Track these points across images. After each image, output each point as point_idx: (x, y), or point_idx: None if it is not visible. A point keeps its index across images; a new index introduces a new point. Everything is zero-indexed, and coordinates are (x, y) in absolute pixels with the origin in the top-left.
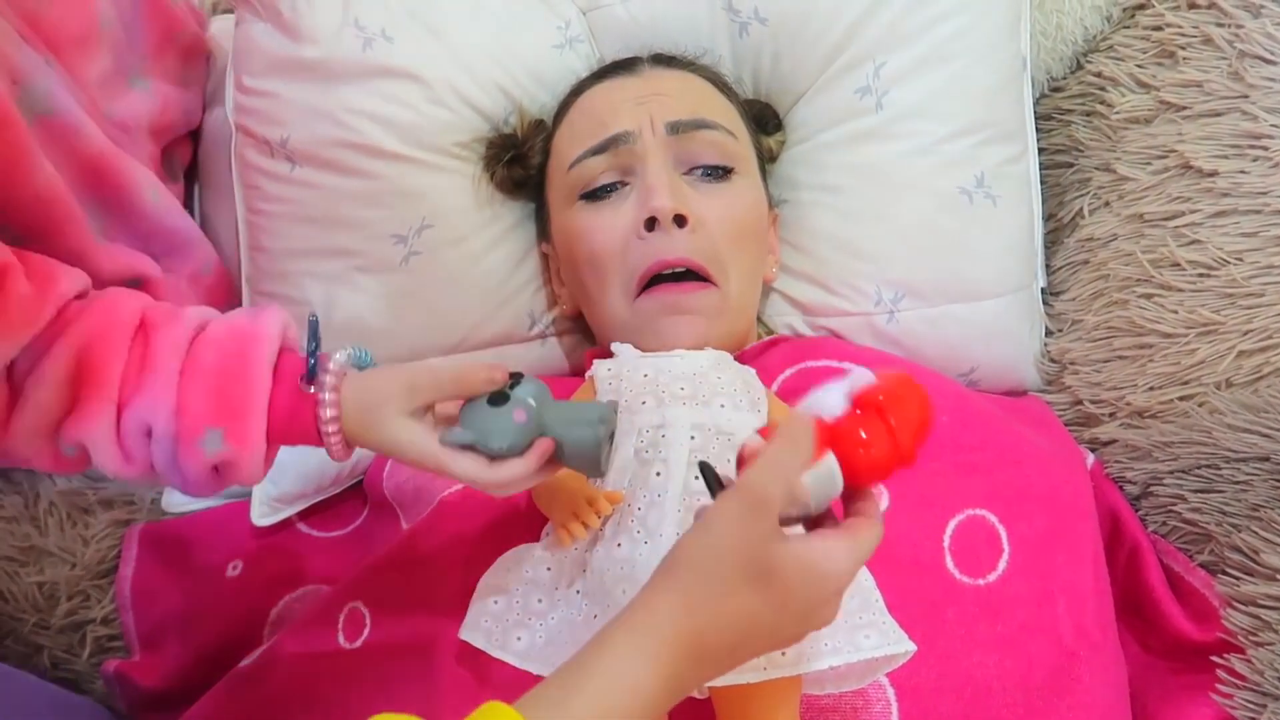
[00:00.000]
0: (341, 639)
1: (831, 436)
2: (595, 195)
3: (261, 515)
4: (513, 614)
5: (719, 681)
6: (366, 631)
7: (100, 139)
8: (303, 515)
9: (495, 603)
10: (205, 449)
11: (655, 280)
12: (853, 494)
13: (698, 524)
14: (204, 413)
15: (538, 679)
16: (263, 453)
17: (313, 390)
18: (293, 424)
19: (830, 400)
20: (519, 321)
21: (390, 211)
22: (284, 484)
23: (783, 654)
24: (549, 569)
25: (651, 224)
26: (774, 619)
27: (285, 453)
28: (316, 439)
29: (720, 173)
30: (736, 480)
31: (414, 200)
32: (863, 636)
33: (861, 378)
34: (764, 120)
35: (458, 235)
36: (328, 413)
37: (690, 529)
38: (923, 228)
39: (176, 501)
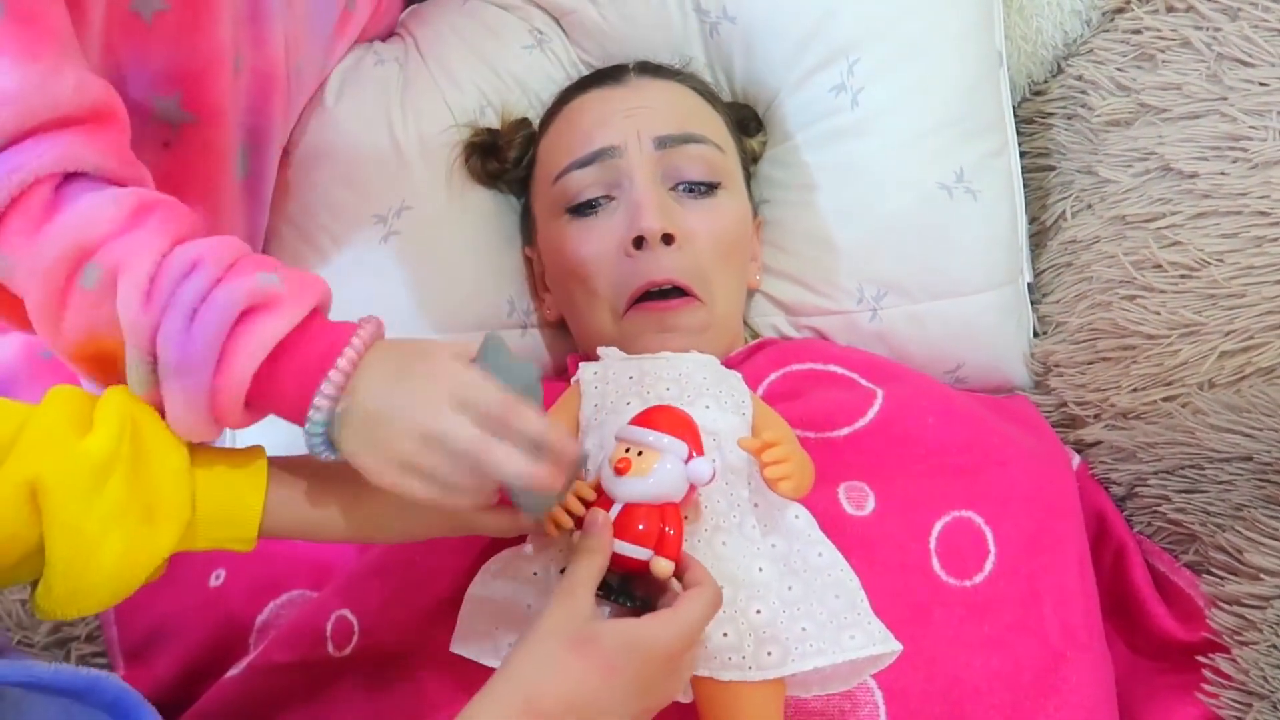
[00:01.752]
0: (330, 647)
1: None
2: (582, 210)
3: None
4: (502, 621)
5: (700, 674)
6: (355, 639)
7: None
8: None
9: (484, 611)
10: (258, 279)
11: (642, 297)
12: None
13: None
14: (258, 266)
15: None
16: (305, 311)
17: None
18: (316, 344)
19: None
20: (497, 308)
21: (369, 192)
22: None
23: (768, 654)
24: (535, 572)
25: (639, 242)
26: (606, 688)
27: (253, 438)
28: (316, 375)
29: (707, 188)
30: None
31: (394, 182)
32: (848, 637)
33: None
34: (745, 123)
35: (436, 218)
36: (349, 352)
37: None
38: (903, 224)
39: None
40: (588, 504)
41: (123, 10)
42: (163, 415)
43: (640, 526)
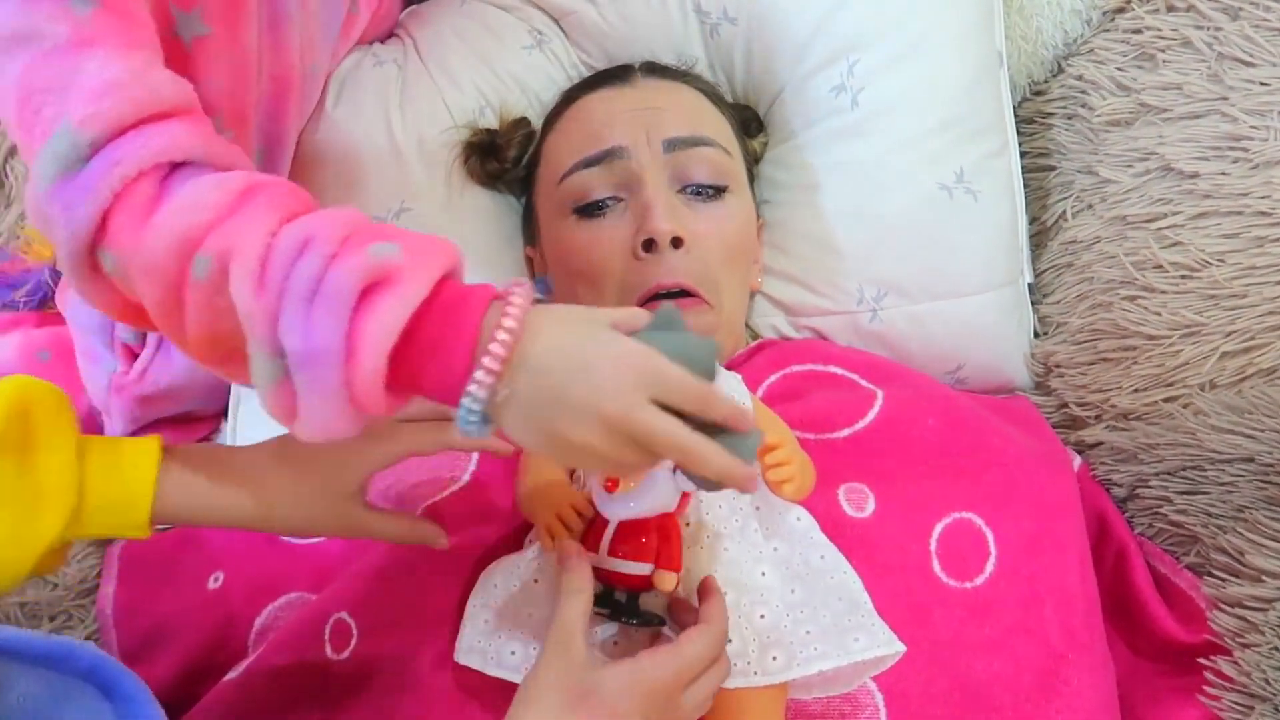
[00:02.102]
0: (329, 650)
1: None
2: (589, 210)
3: None
4: (504, 629)
5: None
6: (354, 643)
7: None
8: None
9: (485, 621)
10: (371, 253)
11: (649, 299)
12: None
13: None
14: (374, 236)
15: None
16: (431, 281)
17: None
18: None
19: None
20: None
21: (368, 193)
22: None
23: (773, 658)
24: (536, 580)
25: (649, 245)
26: None
27: (249, 435)
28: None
29: (714, 191)
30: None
31: (393, 183)
32: (852, 639)
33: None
34: (746, 124)
35: (436, 219)
36: (508, 323)
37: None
38: (903, 224)
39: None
40: (584, 518)
41: (167, 36)
42: (292, 416)
43: (638, 542)
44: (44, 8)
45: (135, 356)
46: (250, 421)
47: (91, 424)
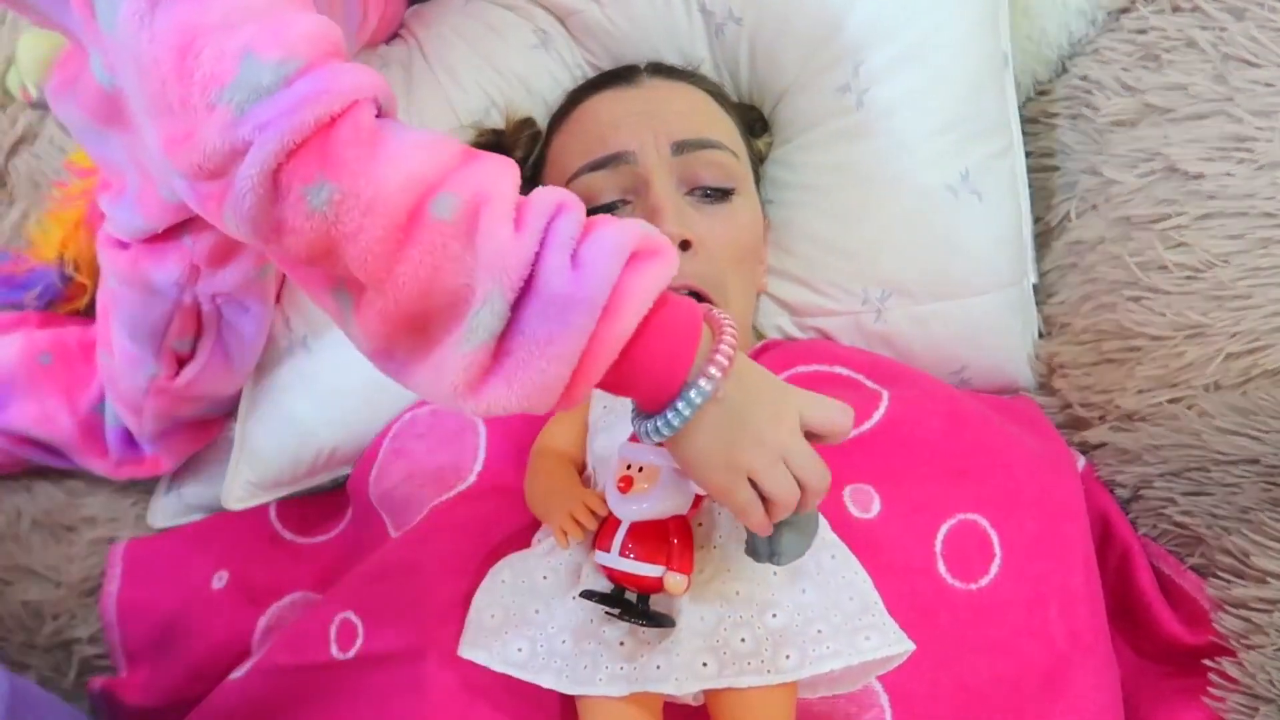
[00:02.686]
0: (335, 650)
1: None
2: (597, 213)
3: (237, 500)
4: (510, 625)
5: (719, 684)
6: (360, 641)
7: None
8: (285, 522)
9: (492, 616)
10: (639, 226)
11: None
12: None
13: None
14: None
15: (537, 688)
16: (678, 264)
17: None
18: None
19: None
20: None
21: None
22: (259, 468)
23: (786, 657)
24: (545, 577)
25: None
26: None
27: (261, 436)
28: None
29: (722, 194)
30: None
31: None
32: (863, 638)
33: None
34: (751, 124)
35: None
36: (730, 327)
37: None
38: (908, 225)
39: (161, 517)
40: (598, 517)
41: None
42: (480, 382)
43: (651, 544)
44: None
45: (179, 363)
46: (260, 431)
47: (91, 422)
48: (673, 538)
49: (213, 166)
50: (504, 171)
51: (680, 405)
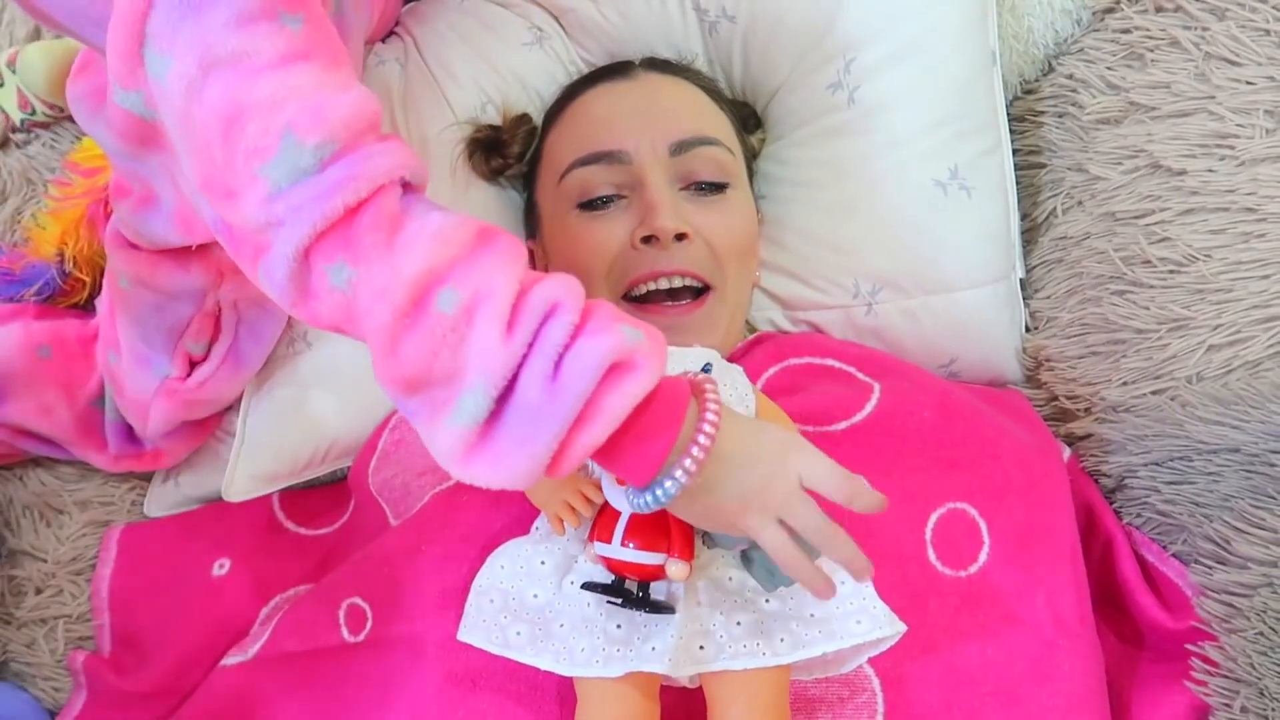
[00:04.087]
0: (345, 633)
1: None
2: (592, 205)
3: (238, 492)
4: (509, 609)
5: (715, 667)
6: (369, 625)
7: None
8: (289, 513)
9: (491, 601)
10: (622, 334)
11: (652, 297)
12: None
13: None
14: (614, 316)
15: (535, 671)
16: (661, 370)
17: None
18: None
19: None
20: None
21: None
22: (260, 461)
23: (781, 640)
24: (543, 562)
25: (650, 240)
26: None
27: (262, 430)
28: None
29: (717, 188)
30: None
31: None
32: (854, 622)
33: None
34: (745, 120)
35: None
36: (709, 420)
37: None
38: (898, 220)
39: (157, 506)
40: (593, 505)
41: None
42: (469, 456)
43: (652, 533)
44: (261, 27)
45: (192, 365)
46: (261, 426)
47: (89, 416)
48: (674, 526)
49: (248, 230)
50: (510, 262)
51: (654, 493)
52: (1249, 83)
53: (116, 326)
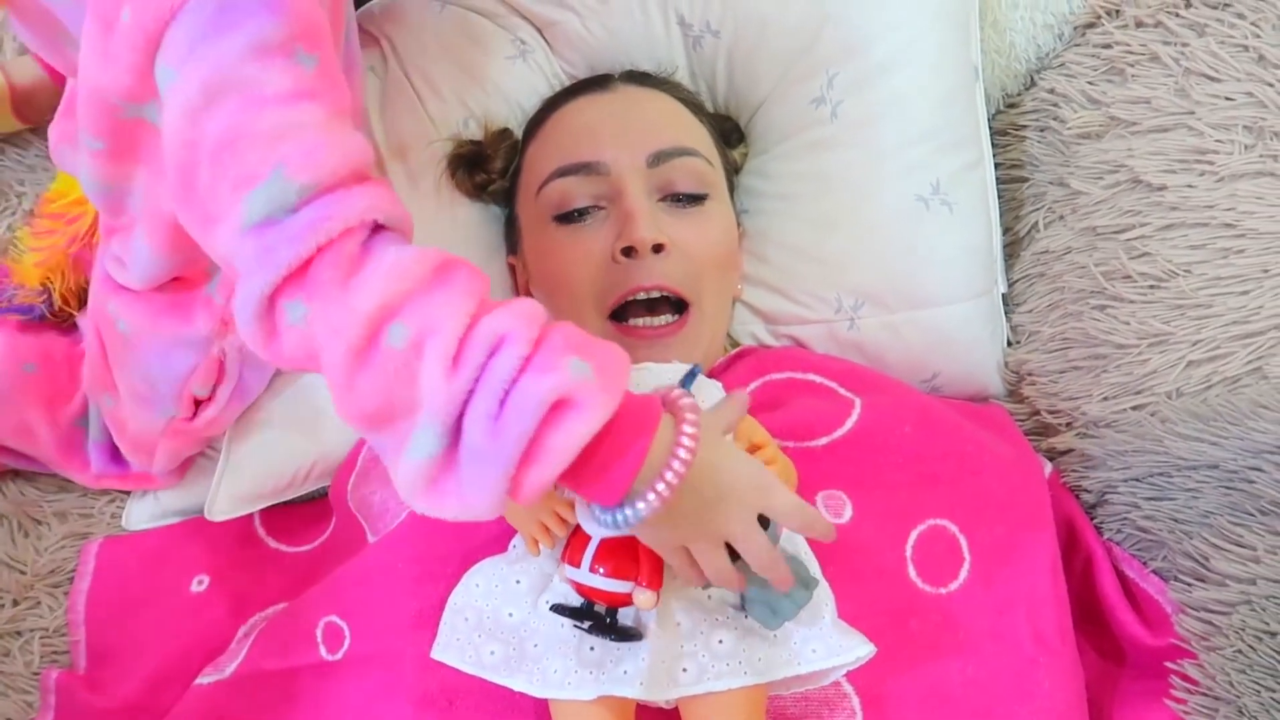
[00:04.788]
0: (324, 651)
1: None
2: (570, 218)
3: (220, 512)
4: (484, 628)
5: (698, 690)
6: (347, 643)
7: None
8: (270, 530)
9: (466, 619)
10: (570, 370)
11: (630, 310)
12: None
13: None
14: (566, 347)
15: (511, 691)
16: (616, 402)
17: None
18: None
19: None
20: None
21: None
22: (243, 481)
23: (759, 659)
24: (518, 581)
25: (629, 251)
26: None
27: (245, 452)
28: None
29: (695, 199)
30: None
31: None
32: (810, 650)
33: None
34: (727, 134)
35: (418, 231)
36: (688, 429)
37: None
38: (880, 235)
39: (136, 521)
40: (567, 525)
41: None
42: (431, 489)
43: (620, 559)
44: (276, 61)
45: (196, 404)
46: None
47: (72, 436)
48: (641, 553)
49: (217, 257)
50: (462, 296)
51: (619, 518)
52: (1228, 98)
53: (111, 369)
